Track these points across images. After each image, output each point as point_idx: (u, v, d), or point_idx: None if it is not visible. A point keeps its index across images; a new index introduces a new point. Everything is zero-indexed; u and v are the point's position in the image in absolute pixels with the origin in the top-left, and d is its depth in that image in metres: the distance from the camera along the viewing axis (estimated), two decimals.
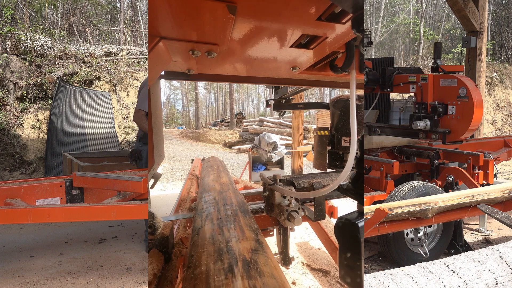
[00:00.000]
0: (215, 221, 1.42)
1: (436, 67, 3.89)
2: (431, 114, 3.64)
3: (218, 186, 2.24)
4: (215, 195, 1.95)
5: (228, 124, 25.94)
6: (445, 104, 3.61)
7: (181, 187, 3.37)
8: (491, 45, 18.73)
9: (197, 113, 34.36)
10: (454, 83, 3.55)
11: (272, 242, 3.03)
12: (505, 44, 19.36)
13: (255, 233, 1.29)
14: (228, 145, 19.19)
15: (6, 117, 9.18)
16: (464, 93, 3.47)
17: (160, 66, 1.81)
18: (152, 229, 1.57)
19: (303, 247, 4.19)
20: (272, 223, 2.33)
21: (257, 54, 1.90)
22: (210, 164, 3.62)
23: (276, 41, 1.69)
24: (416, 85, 3.78)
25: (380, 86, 4.15)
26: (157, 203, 6.49)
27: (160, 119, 2.08)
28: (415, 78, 3.81)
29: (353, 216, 1.29)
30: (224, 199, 1.81)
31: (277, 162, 8.84)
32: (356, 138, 1.27)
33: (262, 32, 1.58)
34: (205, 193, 2.06)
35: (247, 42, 1.70)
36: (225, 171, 3.08)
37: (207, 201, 1.84)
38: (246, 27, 1.49)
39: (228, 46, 1.66)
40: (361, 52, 1.72)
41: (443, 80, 3.65)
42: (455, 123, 3.53)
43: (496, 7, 20.72)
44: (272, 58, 2.01)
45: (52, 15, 15.17)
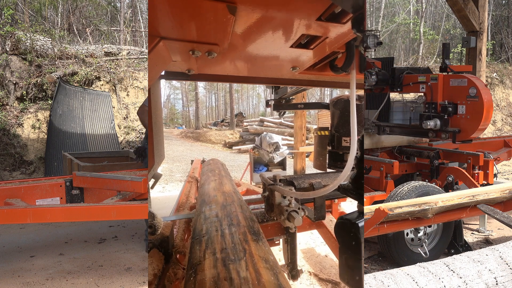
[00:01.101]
0: (218, 254, 1.10)
1: (444, 67, 3.97)
2: (441, 113, 3.70)
3: (221, 197, 1.92)
4: (217, 209, 1.65)
5: (228, 124, 25.93)
6: (455, 104, 3.68)
7: (180, 190, 3.27)
8: (491, 45, 18.72)
9: (197, 113, 34.35)
10: (464, 83, 3.61)
11: (276, 249, 2.83)
12: (505, 44, 19.36)
13: (273, 271, 0.99)
14: (228, 145, 19.18)
15: (6, 117, 9.18)
16: (474, 92, 3.53)
17: (160, 66, 1.81)
18: (152, 229, 1.57)
19: (309, 254, 4.01)
20: (279, 231, 2.20)
21: (257, 53, 1.90)
22: (210, 167, 3.27)
23: (276, 40, 1.69)
24: (426, 85, 3.84)
25: (389, 86, 4.20)
26: (155, 205, 6.45)
27: (160, 119, 2.08)
28: (425, 78, 3.87)
29: (353, 216, 1.29)
30: (229, 216, 1.53)
31: (279, 163, 8.61)
32: (356, 138, 1.27)
33: (262, 32, 1.58)
34: (205, 206, 1.77)
35: (247, 41, 1.70)
36: (227, 176, 2.75)
37: (208, 218, 1.54)
38: (246, 25, 1.49)
39: (229, 44, 1.66)
40: (361, 52, 1.72)
41: (453, 80, 3.71)
42: (465, 123, 3.60)
43: (496, 7, 20.72)
44: (272, 58, 2.01)
45: (52, 15, 15.17)
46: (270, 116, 23.38)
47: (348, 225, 1.28)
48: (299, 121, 8.15)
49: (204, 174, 2.93)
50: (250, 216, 1.60)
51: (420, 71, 4.19)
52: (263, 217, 2.17)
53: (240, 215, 1.56)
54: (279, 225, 2.20)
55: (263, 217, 2.17)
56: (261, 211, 2.22)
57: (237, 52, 1.86)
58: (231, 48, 1.74)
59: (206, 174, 2.90)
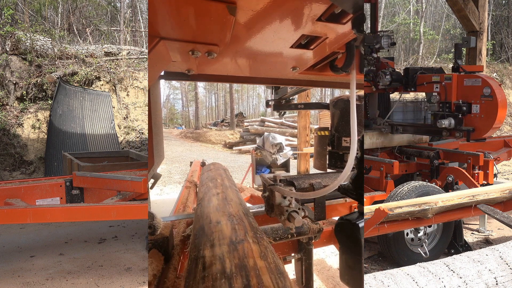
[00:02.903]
0: None
1: (457, 67, 4.03)
2: (455, 112, 3.77)
3: (227, 224, 1.30)
4: (223, 252, 1.03)
5: (228, 124, 25.90)
6: (469, 103, 3.75)
7: (177, 195, 3.12)
8: (491, 45, 18.72)
9: (197, 113, 34.32)
10: (478, 82, 3.68)
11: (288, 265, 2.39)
12: (505, 44, 19.36)
13: None
14: (228, 145, 19.15)
15: (6, 117, 9.18)
16: (489, 92, 3.60)
17: (160, 66, 1.81)
18: (152, 230, 1.57)
19: (320, 267, 3.72)
20: (292, 249, 2.05)
21: (257, 53, 1.90)
22: (211, 175, 2.61)
23: (276, 41, 1.69)
24: (440, 85, 3.91)
25: (403, 86, 4.26)
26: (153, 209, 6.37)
27: (160, 119, 2.08)
28: (439, 77, 3.94)
29: (353, 216, 1.30)
30: (244, 270, 0.90)
31: (282, 164, 8.33)
32: (356, 138, 1.27)
33: (262, 32, 1.58)
34: (205, 242, 1.16)
35: (247, 41, 1.69)
36: (232, 188, 2.16)
37: (208, 273, 0.93)
38: (246, 25, 1.49)
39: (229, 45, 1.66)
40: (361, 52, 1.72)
41: (467, 79, 3.78)
42: (479, 122, 3.68)
43: (496, 7, 20.71)
44: (272, 58, 2.01)
45: (52, 15, 15.17)
46: (270, 116, 23.36)
47: (348, 225, 1.28)
48: (303, 121, 7.92)
49: (204, 185, 2.38)
50: (277, 268, 0.96)
51: (433, 71, 4.27)
52: (275, 235, 1.91)
53: (262, 266, 0.94)
54: (294, 243, 2.04)
55: (275, 234, 1.91)
56: (272, 227, 1.95)
57: (237, 53, 1.87)
58: (230, 48, 1.74)
59: (206, 184, 2.34)
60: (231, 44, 1.66)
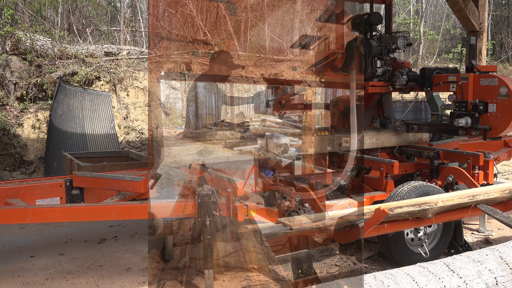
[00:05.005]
0: None
1: (471, 67, 4.12)
2: (471, 112, 3.84)
3: None
4: None
5: (229, 125, 25.88)
6: (485, 102, 3.82)
7: (175, 199, 2.83)
8: (491, 45, 18.72)
9: (197, 113, 34.34)
10: (495, 82, 3.76)
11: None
12: (505, 44, 19.36)
13: None
14: (229, 146, 19.12)
15: (6, 117, 9.18)
16: (505, 92, 3.67)
17: (160, 66, 1.81)
18: (152, 230, 1.57)
19: None
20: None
21: (256, 53, 1.90)
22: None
23: (276, 41, 1.69)
24: (456, 84, 3.98)
25: (419, 86, 4.33)
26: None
27: (160, 119, 2.08)
28: (455, 77, 4.02)
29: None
30: None
31: (286, 166, 8.37)
32: (356, 138, 1.27)
33: (262, 32, 1.58)
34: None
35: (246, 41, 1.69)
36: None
37: None
38: (246, 25, 1.49)
39: (228, 45, 1.66)
40: (361, 52, 1.72)
41: (483, 79, 3.86)
42: (495, 121, 3.76)
43: (496, 7, 20.71)
44: (272, 58, 2.01)
45: (52, 15, 15.17)
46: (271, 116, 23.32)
47: (348, 225, 1.28)
48: (309, 121, 7.96)
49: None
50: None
51: (449, 71, 4.36)
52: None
53: None
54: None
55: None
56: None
57: (237, 53, 1.87)
58: (230, 48, 1.74)
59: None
60: (231, 44, 1.66)
